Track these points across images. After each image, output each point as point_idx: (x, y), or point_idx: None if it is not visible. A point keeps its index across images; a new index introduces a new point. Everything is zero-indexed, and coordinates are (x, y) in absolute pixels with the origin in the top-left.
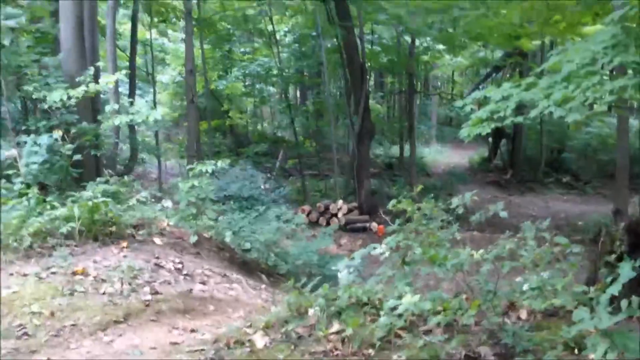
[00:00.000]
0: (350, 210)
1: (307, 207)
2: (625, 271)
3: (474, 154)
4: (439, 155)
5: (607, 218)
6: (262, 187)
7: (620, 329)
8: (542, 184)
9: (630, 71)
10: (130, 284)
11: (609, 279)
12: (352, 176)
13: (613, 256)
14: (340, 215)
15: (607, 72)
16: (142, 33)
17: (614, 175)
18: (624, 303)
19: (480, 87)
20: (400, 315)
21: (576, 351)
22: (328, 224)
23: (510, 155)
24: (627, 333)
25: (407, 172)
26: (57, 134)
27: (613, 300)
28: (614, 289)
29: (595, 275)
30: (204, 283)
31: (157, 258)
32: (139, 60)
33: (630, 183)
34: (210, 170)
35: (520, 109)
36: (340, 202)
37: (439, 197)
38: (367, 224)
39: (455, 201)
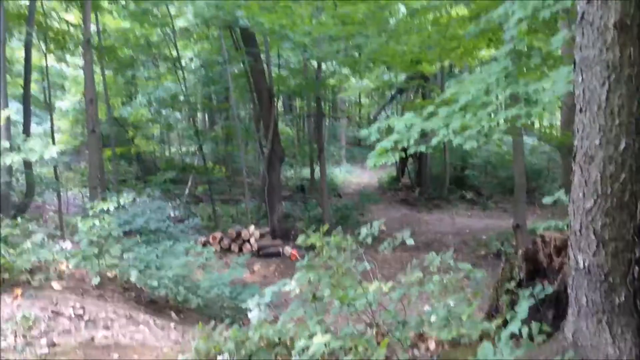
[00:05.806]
0: (262, 235)
1: (218, 234)
2: (523, 308)
3: (383, 174)
4: (349, 176)
5: (508, 232)
6: (172, 215)
7: None
8: (448, 200)
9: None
10: (25, 336)
11: (509, 309)
12: (264, 200)
13: (513, 283)
14: (252, 240)
15: (501, 101)
16: (38, 59)
17: (513, 190)
18: (524, 330)
19: (386, 108)
20: (311, 356)
21: None
22: (240, 250)
23: (417, 174)
24: None
25: (319, 194)
26: None
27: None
28: (514, 327)
29: (497, 302)
30: (107, 328)
31: (56, 305)
32: (35, 87)
33: (527, 197)
34: (112, 209)
35: (423, 136)
36: (252, 227)
37: (350, 218)
38: (280, 249)
39: (363, 232)
